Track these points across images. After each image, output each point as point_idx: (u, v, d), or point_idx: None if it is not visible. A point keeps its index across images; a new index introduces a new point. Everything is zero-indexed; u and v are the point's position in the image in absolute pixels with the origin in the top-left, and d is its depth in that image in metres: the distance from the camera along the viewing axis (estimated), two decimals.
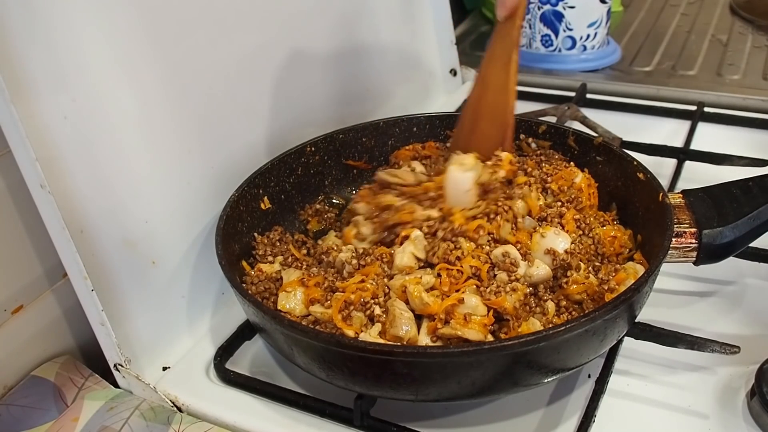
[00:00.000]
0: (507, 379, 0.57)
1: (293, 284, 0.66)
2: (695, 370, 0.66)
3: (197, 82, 0.71)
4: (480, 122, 0.76)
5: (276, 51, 0.81)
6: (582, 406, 0.61)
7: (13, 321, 0.67)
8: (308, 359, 0.60)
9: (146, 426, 0.62)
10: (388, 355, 0.55)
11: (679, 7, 1.47)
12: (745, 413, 0.61)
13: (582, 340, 0.57)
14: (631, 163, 0.73)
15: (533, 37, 1.23)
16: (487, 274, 0.64)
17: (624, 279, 0.63)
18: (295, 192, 0.81)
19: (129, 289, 0.66)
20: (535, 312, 0.63)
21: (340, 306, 0.62)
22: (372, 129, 0.86)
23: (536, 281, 0.65)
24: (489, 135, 0.75)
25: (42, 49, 0.57)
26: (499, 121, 0.74)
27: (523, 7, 0.71)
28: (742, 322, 0.71)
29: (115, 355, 0.65)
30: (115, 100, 0.63)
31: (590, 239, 0.69)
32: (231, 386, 0.67)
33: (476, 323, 0.60)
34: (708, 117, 1.05)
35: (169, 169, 0.69)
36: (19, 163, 0.58)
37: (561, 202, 0.74)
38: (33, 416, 0.64)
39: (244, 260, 0.72)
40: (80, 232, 0.61)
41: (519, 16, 0.71)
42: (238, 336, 0.71)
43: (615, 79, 1.20)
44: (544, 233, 0.68)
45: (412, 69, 1.09)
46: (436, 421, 0.63)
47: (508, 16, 0.71)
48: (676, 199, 0.69)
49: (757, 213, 0.66)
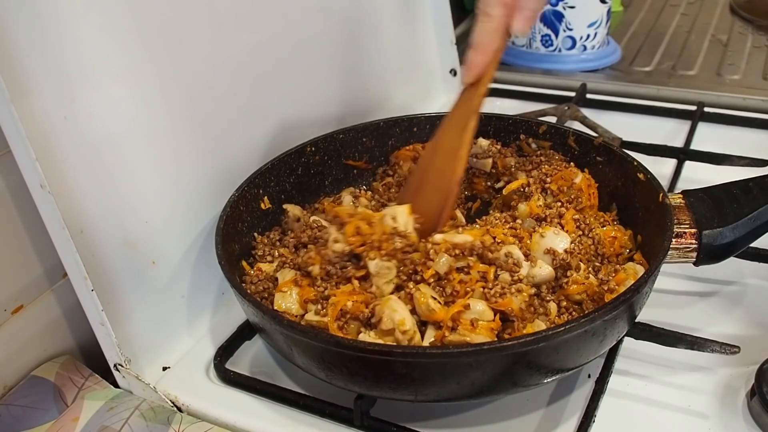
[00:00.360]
0: (506, 379, 0.57)
1: (288, 284, 0.66)
2: (695, 370, 0.66)
3: (197, 82, 0.71)
4: (425, 185, 0.72)
5: (276, 51, 0.81)
6: (582, 406, 0.61)
7: (13, 321, 0.67)
8: (307, 359, 0.60)
9: (146, 426, 0.62)
10: (387, 355, 0.55)
11: (679, 7, 1.47)
12: (745, 413, 0.61)
13: (581, 341, 0.57)
14: (632, 164, 0.73)
15: (533, 37, 1.23)
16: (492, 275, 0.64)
17: (624, 279, 0.63)
18: (295, 192, 0.81)
19: (129, 289, 0.66)
20: (539, 313, 0.63)
21: (336, 314, 0.62)
22: (372, 129, 0.86)
23: (539, 281, 0.65)
24: (430, 199, 0.71)
25: (42, 49, 0.57)
26: (443, 187, 0.70)
27: (489, 77, 0.68)
28: (742, 322, 0.71)
29: (115, 355, 0.65)
30: (115, 100, 0.63)
31: (590, 239, 0.69)
32: (231, 386, 0.67)
33: (484, 328, 0.59)
34: (708, 117, 1.05)
35: (169, 169, 0.69)
36: (19, 163, 0.58)
37: (561, 202, 0.74)
38: (33, 416, 0.64)
39: (243, 260, 0.72)
40: (80, 232, 0.61)
41: (483, 83, 0.68)
42: (238, 336, 0.71)
43: (615, 79, 1.20)
44: (544, 233, 0.68)
45: (412, 69, 1.09)
46: (436, 421, 0.63)
47: (472, 83, 0.69)
48: (677, 200, 0.69)
49: (758, 213, 0.66)
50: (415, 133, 0.87)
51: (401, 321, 0.60)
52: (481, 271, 0.64)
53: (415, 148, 0.86)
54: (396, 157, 0.87)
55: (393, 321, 0.60)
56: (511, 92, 1.16)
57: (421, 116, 0.87)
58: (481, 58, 0.67)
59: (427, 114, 0.88)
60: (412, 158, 0.85)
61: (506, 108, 1.10)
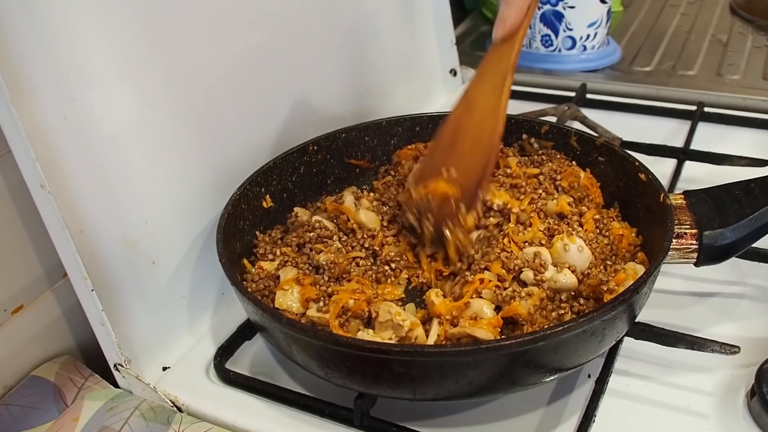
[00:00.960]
0: (505, 378, 0.57)
1: (290, 282, 0.66)
2: (695, 370, 0.66)
3: (197, 81, 0.71)
4: (460, 142, 0.71)
5: (276, 51, 0.81)
6: (582, 406, 0.61)
7: (13, 321, 0.67)
8: (307, 357, 0.60)
9: (146, 426, 0.62)
10: (386, 354, 0.55)
11: (679, 7, 1.47)
12: (745, 413, 0.61)
13: (580, 341, 0.57)
14: (633, 164, 0.74)
15: (533, 37, 1.23)
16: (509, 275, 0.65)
17: (623, 280, 0.63)
18: (297, 191, 0.81)
19: (129, 289, 0.66)
20: (551, 319, 0.62)
21: (337, 312, 0.62)
22: (374, 128, 0.86)
23: (560, 288, 0.65)
24: (470, 156, 0.69)
25: (42, 49, 0.57)
26: (483, 144, 0.69)
27: (523, 32, 0.66)
28: (742, 322, 0.71)
29: (115, 355, 0.65)
30: (115, 100, 0.63)
31: (606, 238, 0.70)
32: (231, 386, 0.67)
33: (485, 322, 0.60)
34: (708, 117, 1.05)
35: (169, 169, 0.69)
36: (19, 163, 0.58)
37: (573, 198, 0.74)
38: (33, 416, 0.64)
39: (245, 258, 0.72)
40: (80, 232, 0.61)
41: (517, 39, 0.66)
42: (238, 336, 0.71)
43: (615, 79, 1.20)
44: (568, 245, 0.67)
45: (412, 69, 1.09)
46: (436, 420, 0.63)
47: (505, 38, 0.66)
48: (678, 200, 0.69)
49: (759, 214, 0.66)
50: (418, 132, 0.87)
51: (397, 312, 0.61)
52: (499, 274, 0.65)
53: (417, 148, 0.86)
54: (398, 156, 0.87)
55: (389, 313, 0.61)
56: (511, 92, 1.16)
57: (423, 115, 0.87)
58: (513, 12, 0.65)
59: (429, 113, 0.88)
60: (414, 157, 0.85)
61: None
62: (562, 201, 0.72)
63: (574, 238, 0.68)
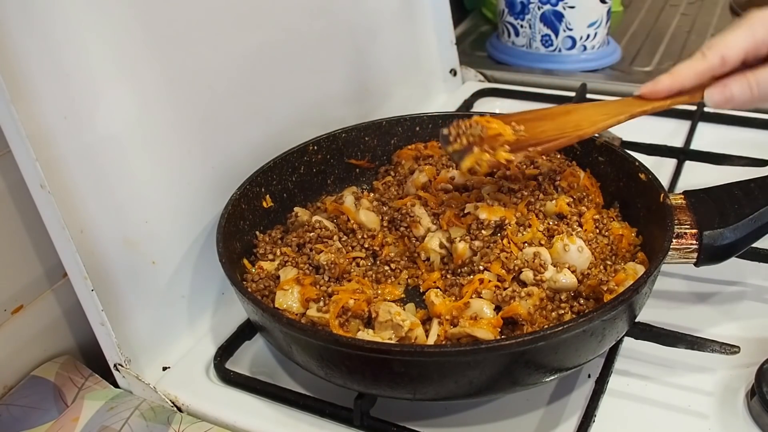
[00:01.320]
0: (505, 378, 0.57)
1: (290, 282, 0.67)
2: (695, 370, 0.66)
3: (197, 81, 0.71)
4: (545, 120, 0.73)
5: (276, 51, 0.81)
6: (582, 406, 0.61)
7: (13, 321, 0.67)
8: (307, 357, 0.60)
9: (146, 426, 0.62)
10: (386, 353, 0.55)
11: (679, 7, 1.47)
12: (745, 413, 0.61)
13: (580, 341, 0.57)
14: (633, 164, 0.74)
15: (533, 37, 1.23)
16: (509, 275, 0.65)
17: (623, 280, 0.63)
18: (297, 191, 0.81)
19: (129, 289, 0.66)
20: (551, 319, 0.63)
21: (337, 312, 0.62)
22: (375, 128, 0.86)
23: (560, 288, 0.65)
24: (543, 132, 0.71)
25: (42, 50, 0.57)
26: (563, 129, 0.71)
27: (659, 105, 0.69)
28: (742, 322, 0.71)
29: (115, 355, 0.65)
30: (115, 101, 0.63)
31: (606, 238, 0.69)
32: (231, 386, 0.67)
33: (485, 322, 0.61)
34: (708, 117, 1.05)
35: (169, 169, 0.69)
36: (19, 163, 0.58)
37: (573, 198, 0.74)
38: (33, 416, 0.64)
39: (245, 258, 0.72)
40: (80, 232, 0.61)
41: (651, 104, 0.69)
42: (238, 336, 0.71)
43: (615, 79, 1.20)
44: (568, 246, 0.67)
45: (412, 69, 1.09)
46: (436, 420, 0.63)
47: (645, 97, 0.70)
48: (678, 200, 0.69)
49: (759, 214, 0.66)
50: (418, 132, 0.87)
51: (397, 312, 0.61)
52: (499, 274, 0.65)
53: (417, 148, 0.86)
54: (398, 156, 0.87)
55: (389, 313, 0.61)
56: (511, 92, 1.16)
57: (423, 116, 0.87)
58: (668, 82, 0.68)
59: (429, 113, 0.88)
60: (414, 157, 0.85)
61: (506, 108, 1.10)
62: (561, 201, 0.72)
63: (574, 238, 0.68)
